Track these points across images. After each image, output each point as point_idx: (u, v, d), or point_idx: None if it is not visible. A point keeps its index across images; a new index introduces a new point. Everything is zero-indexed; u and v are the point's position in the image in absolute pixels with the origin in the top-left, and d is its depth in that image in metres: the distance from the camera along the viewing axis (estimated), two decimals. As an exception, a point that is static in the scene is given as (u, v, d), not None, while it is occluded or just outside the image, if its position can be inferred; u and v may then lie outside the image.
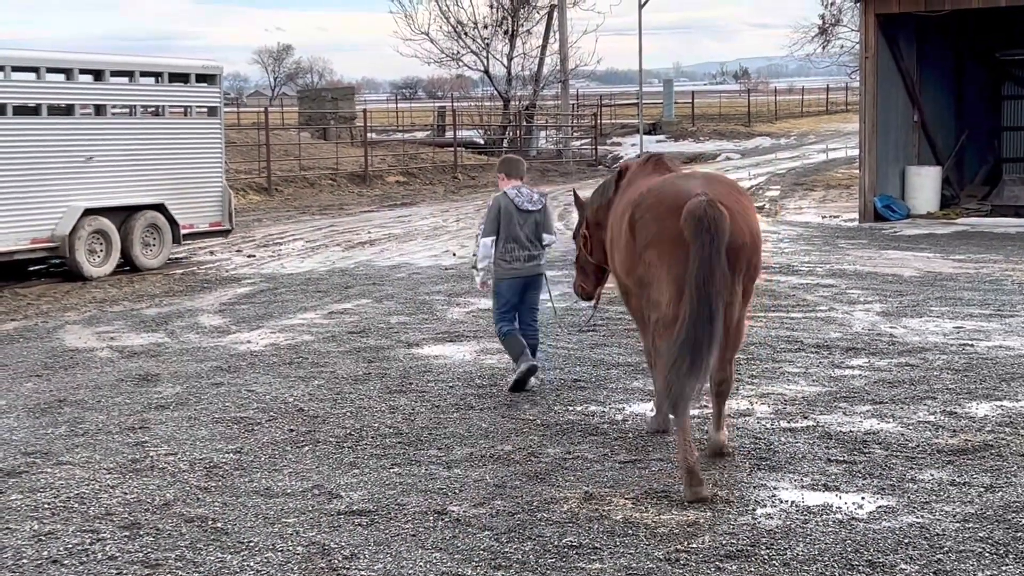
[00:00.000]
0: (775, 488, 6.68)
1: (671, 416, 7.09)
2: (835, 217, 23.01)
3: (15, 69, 15.83)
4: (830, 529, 6.02)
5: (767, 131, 52.78)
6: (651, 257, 7.05)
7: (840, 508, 6.32)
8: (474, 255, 9.89)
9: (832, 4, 41.80)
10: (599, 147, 44.07)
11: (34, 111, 16.06)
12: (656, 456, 7.34)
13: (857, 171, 24.32)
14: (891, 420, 8.05)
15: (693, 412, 7.27)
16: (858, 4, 22.25)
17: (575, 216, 9.92)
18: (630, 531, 6.04)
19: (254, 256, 18.69)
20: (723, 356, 7.07)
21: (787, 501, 6.46)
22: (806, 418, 8.15)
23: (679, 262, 6.76)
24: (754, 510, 6.33)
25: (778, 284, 14.23)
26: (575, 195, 9.41)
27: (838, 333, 11.12)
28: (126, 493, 6.83)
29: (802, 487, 6.69)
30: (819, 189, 29.09)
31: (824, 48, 43.44)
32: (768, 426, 7.97)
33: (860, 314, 12.13)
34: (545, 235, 9.28)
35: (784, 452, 7.35)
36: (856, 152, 26.57)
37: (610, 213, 8.11)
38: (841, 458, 7.20)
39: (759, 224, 7.35)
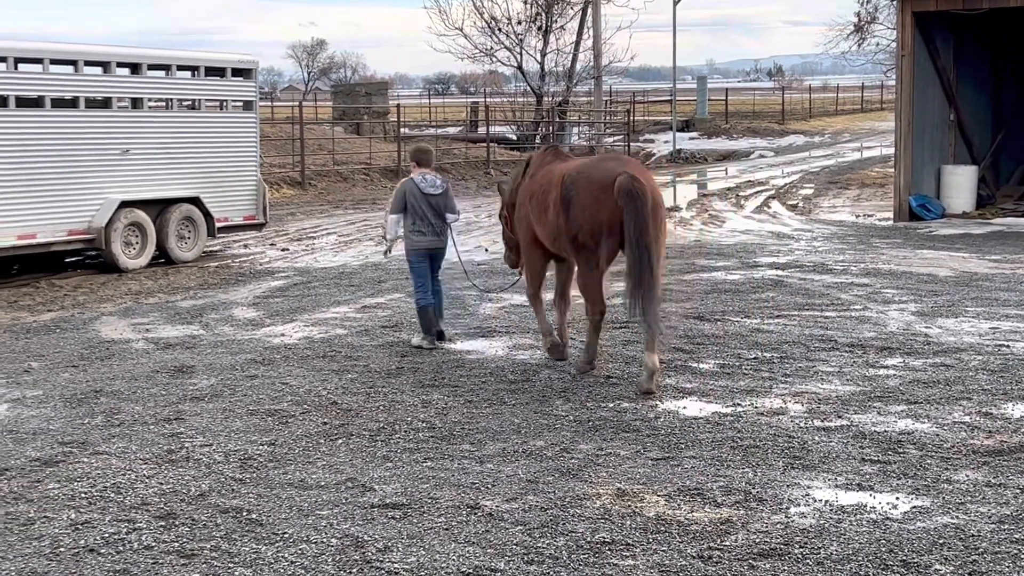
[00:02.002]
0: (809, 487, 6.66)
1: (655, 331, 8.99)
2: (869, 216, 22.89)
3: (53, 62, 15.98)
4: (864, 529, 6.00)
5: (801, 129, 52.57)
6: (587, 225, 9.10)
7: (874, 508, 6.30)
8: (383, 229, 11.86)
9: (868, 2, 41.48)
10: (632, 144, 43.97)
11: (72, 104, 16.20)
12: (689, 454, 7.33)
13: (892, 170, 24.19)
14: (926, 420, 8.00)
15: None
16: (895, 2, 22.13)
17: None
18: (663, 528, 6.04)
19: (288, 250, 18.79)
20: (654, 288, 8.89)
21: (821, 500, 6.43)
22: (840, 417, 8.11)
23: (610, 226, 9.01)
24: (787, 509, 6.31)
25: (812, 283, 14.17)
26: (498, 185, 11.41)
27: (872, 332, 11.06)
28: (162, 483, 6.89)
29: (836, 486, 6.67)
30: (853, 188, 28.93)
31: (859, 46, 43.11)
32: (802, 425, 7.95)
33: (895, 313, 12.07)
34: (448, 214, 10.86)
35: (818, 451, 7.33)
36: (891, 151, 26.44)
37: (520, 195, 10.18)
38: (875, 458, 7.17)
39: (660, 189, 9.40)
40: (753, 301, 12.91)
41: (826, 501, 6.42)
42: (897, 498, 6.44)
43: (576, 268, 9.73)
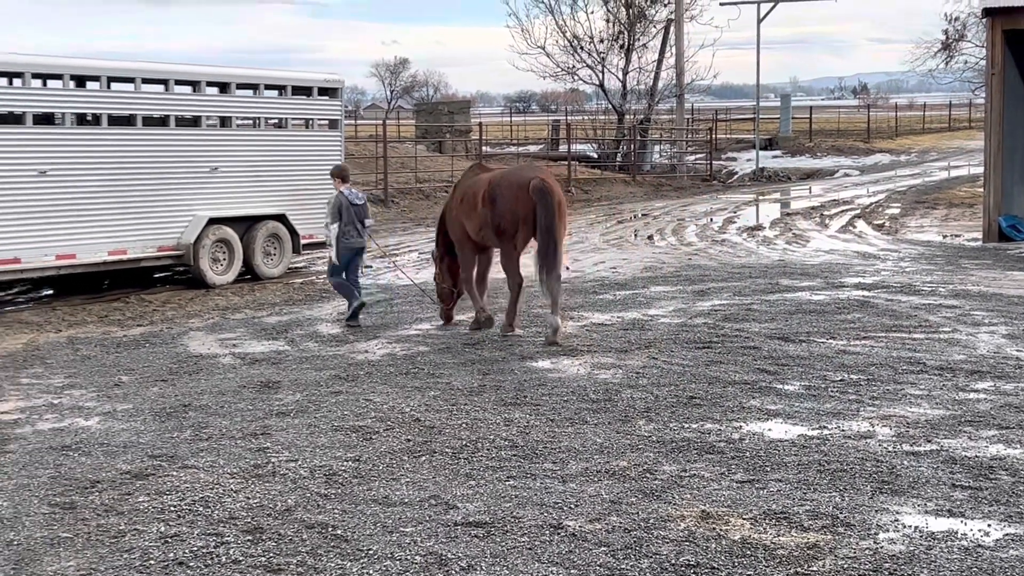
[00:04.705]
0: (898, 512, 6.55)
1: (557, 297, 11.75)
2: (957, 236, 22.49)
3: (145, 81, 16.33)
4: (955, 556, 5.88)
5: (887, 147, 51.86)
6: (508, 215, 11.85)
7: (966, 535, 6.17)
8: (327, 237, 13.57)
9: (956, 19, 40.92)
10: (714, 162, 43.73)
11: (162, 122, 16.53)
12: (775, 476, 7.25)
13: (981, 189, 23.74)
14: (1018, 446, 7.83)
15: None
16: (984, 20, 21.76)
17: None
18: (748, 552, 5.97)
19: (371, 267, 18.94)
20: (558, 265, 11.68)
21: (911, 526, 6.32)
22: (929, 441, 7.97)
23: (526, 217, 11.73)
24: (876, 534, 6.21)
25: (899, 304, 13.95)
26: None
27: (962, 355, 10.86)
28: (249, 498, 6.98)
29: (926, 512, 6.55)
30: (941, 207, 28.46)
31: (947, 64, 42.50)
32: (890, 449, 7.82)
33: (985, 336, 11.83)
34: (366, 220, 13.35)
35: (907, 476, 7.20)
36: (979, 170, 25.97)
37: (452, 202, 12.96)
38: (966, 483, 7.03)
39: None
40: (839, 322, 12.75)
41: (916, 527, 6.31)
42: (989, 525, 6.31)
43: (500, 251, 12.29)
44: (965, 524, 6.33)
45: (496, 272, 12.98)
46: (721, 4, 44.24)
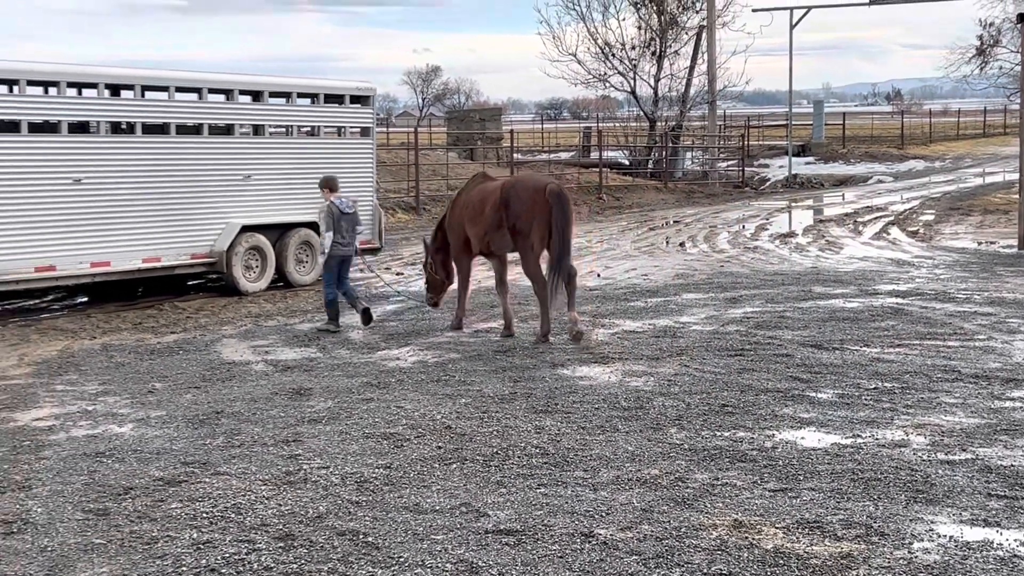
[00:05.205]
0: (933, 522, 6.49)
1: (573, 296, 12.51)
2: (993, 243, 22.30)
3: (179, 90, 16.44)
4: (991, 566, 5.82)
5: (921, 154, 51.52)
6: (526, 216, 12.33)
7: (1001, 545, 6.11)
8: (321, 246, 13.79)
9: (991, 25, 40.59)
10: (746, 169, 43.56)
11: (196, 131, 16.64)
12: (808, 485, 7.20)
13: (1016, 196, 23.54)
14: (1055, 455, 7.74)
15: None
16: (1019, 25, 21.57)
17: None
18: (781, 561, 5.93)
19: (402, 274, 18.99)
20: (569, 266, 12.38)
21: (946, 536, 6.26)
22: (964, 450, 7.90)
23: (544, 220, 12.21)
24: (910, 544, 6.15)
25: (934, 311, 13.85)
26: (423, 240, 14.47)
27: (997, 363, 10.76)
28: (280, 505, 6.99)
29: (961, 522, 6.48)
30: (976, 214, 28.23)
31: (981, 69, 42.13)
32: (925, 458, 7.75)
33: (1021, 344, 11.72)
34: (357, 227, 13.69)
35: (942, 485, 7.14)
36: (1015, 176, 25.75)
37: (455, 208, 13.45)
38: (1002, 493, 6.96)
39: None
40: (872, 330, 12.66)
41: (951, 537, 6.25)
42: (1026, 535, 6.24)
43: (520, 257, 12.74)
44: (1001, 534, 6.27)
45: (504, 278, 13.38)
46: (754, 10, 44.25)
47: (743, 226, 26.90)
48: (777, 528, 6.42)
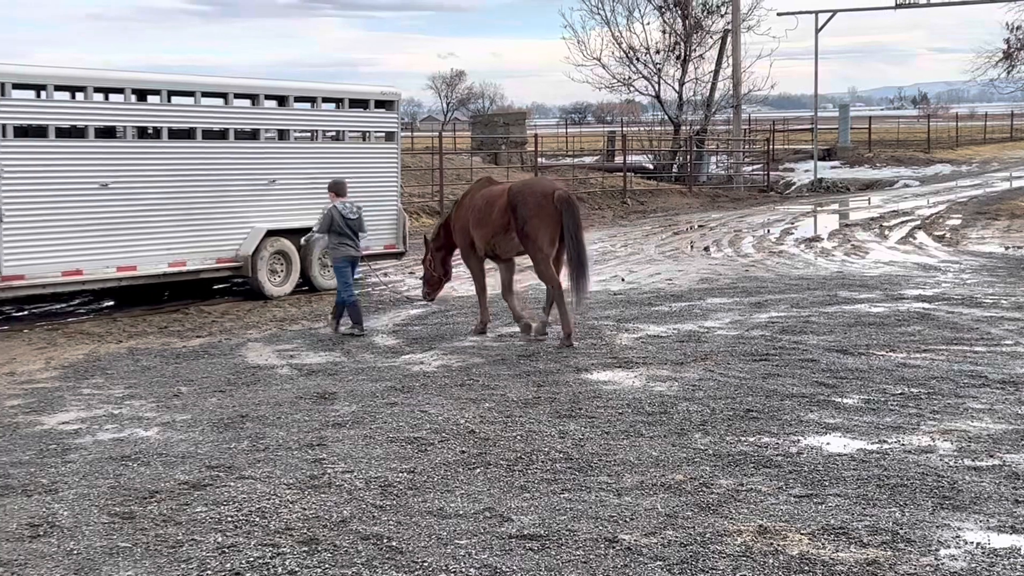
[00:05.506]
0: (959, 528, 6.44)
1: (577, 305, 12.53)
2: (1020, 248, 22.15)
3: (205, 95, 16.51)
4: (1018, 573, 5.77)
5: (947, 158, 51.22)
6: (534, 221, 12.44)
7: (1029, 552, 6.06)
8: (309, 236, 14.32)
9: (1018, 28, 40.35)
10: (771, 173, 43.42)
11: (221, 135, 16.71)
12: (833, 491, 7.16)
13: (1045, 200, 23.37)
14: (1084, 462, 7.68)
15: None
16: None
17: None
18: (807, 568, 5.90)
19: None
20: (587, 272, 12.45)
21: (972, 542, 6.22)
22: (992, 456, 7.84)
23: (553, 224, 12.38)
24: (937, 551, 6.11)
25: (960, 316, 13.76)
26: (424, 237, 14.89)
27: (1025, 369, 10.68)
28: (305, 509, 7.01)
29: (988, 528, 6.43)
30: (1003, 218, 28.04)
31: (1009, 73, 41.89)
32: (951, 464, 7.70)
33: (1049, 349, 11.63)
34: (360, 233, 13.87)
35: (969, 491, 7.08)
36: (1044, 180, 25.54)
37: (461, 211, 13.59)
38: (1030, 500, 6.90)
39: None
40: (898, 335, 12.59)
41: (978, 543, 6.20)
42: (1054, 543, 6.18)
43: (533, 260, 12.76)
44: (1029, 541, 6.22)
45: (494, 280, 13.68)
46: (779, 14, 43.98)
47: (768, 230, 26.81)
48: (802, 534, 6.39)
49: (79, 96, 15.33)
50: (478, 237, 13.22)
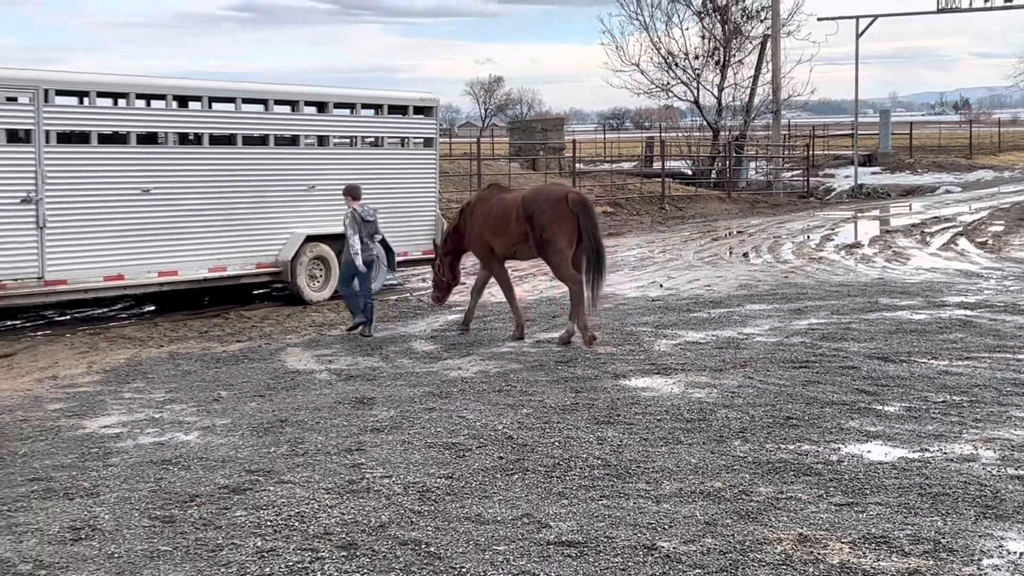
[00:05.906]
0: (1002, 538, 6.37)
1: (593, 308, 12.76)
2: (1065, 254, 21.89)
3: (245, 101, 16.62)
4: (1063, 585, 5.70)
5: (990, 163, 50.71)
6: (552, 227, 12.67)
7: (1074, 563, 5.98)
8: (353, 247, 14.00)
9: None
10: (811, 179, 43.17)
11: (262, 141, 16.81)
12: (874, 500, 7.10)
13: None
14: None
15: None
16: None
17: None
18: (847, 576, 5.85)
19: (465, 284, 19.01)
20: (605, 274, 12.75)
21: (1016, 552, 6.15)
22: (1036, 466, 7.75)
23: (570, 227, 12.62)
24: (980, 560, 6.05)
25: (1003, 324, 13.62)
26: (433, 242, 15.34)
27: (1070, 377, 10.55)
28: (343, 513, 7.03)
29: (1032, 539, 6.36)
30: (1047, 224, 27.73)
31: (1052, 78, 41.45)
32: (994, 472, 7.62)
33: (1094, 357, 11.48)
34: (375, 235, 14.31)
35: (1012, 500, 7.01)
36: (1088, 186, 25.24)
37: (474, 219, 13.66)
38: (1075, 510, 6.81)
39: None
40: (940, 342, 12.48)
41: (1021, 553, 6.13)
42: (1100, 554, 6.10)
43: (551, 263, 13.01)
44: (1074, 552, 6.14)
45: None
46: (819, 19, 43.79)
47: (808, 236, 26.66)
48: (843, 543, 6.34)
49: (121, 103, 15.46)
50: (497, 244, 13.41)
